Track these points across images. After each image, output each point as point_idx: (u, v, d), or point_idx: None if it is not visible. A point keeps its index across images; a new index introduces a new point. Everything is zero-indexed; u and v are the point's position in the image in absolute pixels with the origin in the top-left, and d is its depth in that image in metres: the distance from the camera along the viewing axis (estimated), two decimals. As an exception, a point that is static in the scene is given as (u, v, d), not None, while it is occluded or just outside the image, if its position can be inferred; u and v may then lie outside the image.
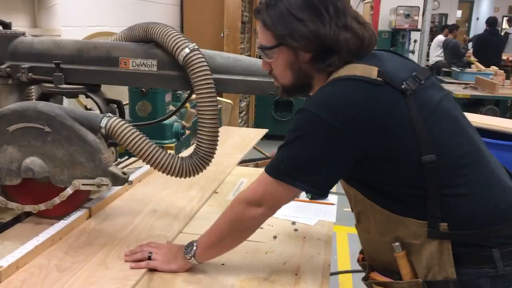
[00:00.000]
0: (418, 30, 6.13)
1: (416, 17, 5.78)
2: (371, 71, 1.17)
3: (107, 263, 1.38)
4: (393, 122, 1.16)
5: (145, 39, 1.61)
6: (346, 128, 1.13)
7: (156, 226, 1.64)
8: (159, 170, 1.57)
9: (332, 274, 1.46)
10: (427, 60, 9.48)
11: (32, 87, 1.79)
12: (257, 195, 1.25)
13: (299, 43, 1.20)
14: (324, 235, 1.65)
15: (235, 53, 5.13)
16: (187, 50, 1.52)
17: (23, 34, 1.71)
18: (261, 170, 2.37)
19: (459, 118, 1.25)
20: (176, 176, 1.58)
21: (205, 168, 1.60)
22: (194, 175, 1.60)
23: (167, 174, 1.58)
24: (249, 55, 6.55)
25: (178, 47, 1.52)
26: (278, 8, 1.21)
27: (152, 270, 1.36)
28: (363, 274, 1.39)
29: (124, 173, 1.56)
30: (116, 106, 1.77)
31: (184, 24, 5.15)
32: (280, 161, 1.20)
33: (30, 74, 1.63)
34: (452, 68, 8.52)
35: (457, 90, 6.48)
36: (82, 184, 1.52)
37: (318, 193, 1.19)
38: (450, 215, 1.16)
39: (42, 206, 1.56)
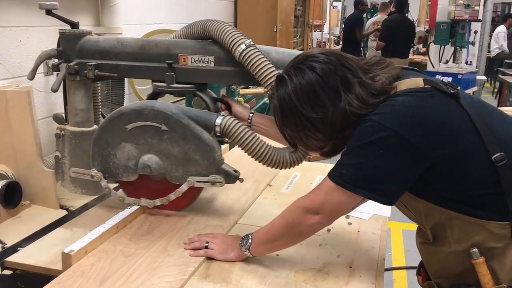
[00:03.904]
0: (479, 20, 5.84)
1: (477, 7, 5.51)
2: (418, 82, 1.20)
3: (168, 250, 1.45)
4: (454, 122, 1.16)
5: (203, 36, 1.65)
6: (410, 135, 1.13)
7: (213, 217, 1.70)
8: (268, 165, 1.60)
9: (386, 270, 1.45)
10: (488, 51, 9.06)
11: (98, 83, 1.88)
12: (316, 203, 1.25)
13: (311, 143, 1.26)
14: (378, 229, 1.65)
15: (288, 47, 5.14)
16: (243, 46, 1.55)
17: (90, 33, 1.79)
18: (314, 164, 2.40)
19: (498, 110, 1.28)
20: (284, 168, 1.60)
21: (305, 158, 1.63)
22: (297, 165, 1.62)
23: (276, 168, 1.61)
24: (302, 49, 6.53)
25: (235, 43, 1.55)
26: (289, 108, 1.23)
27: (210, 258, 1.41)
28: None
29: (235, 171, 1.59)
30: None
31: (237, 19, 5.21)
32: (343, 167, 1.20)
33: (96, 71, 1.72)
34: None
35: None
36: (197, 181, 1.58)
37: (383, 201, 1.17)
38: None
39: (157, 202, 1.63)
